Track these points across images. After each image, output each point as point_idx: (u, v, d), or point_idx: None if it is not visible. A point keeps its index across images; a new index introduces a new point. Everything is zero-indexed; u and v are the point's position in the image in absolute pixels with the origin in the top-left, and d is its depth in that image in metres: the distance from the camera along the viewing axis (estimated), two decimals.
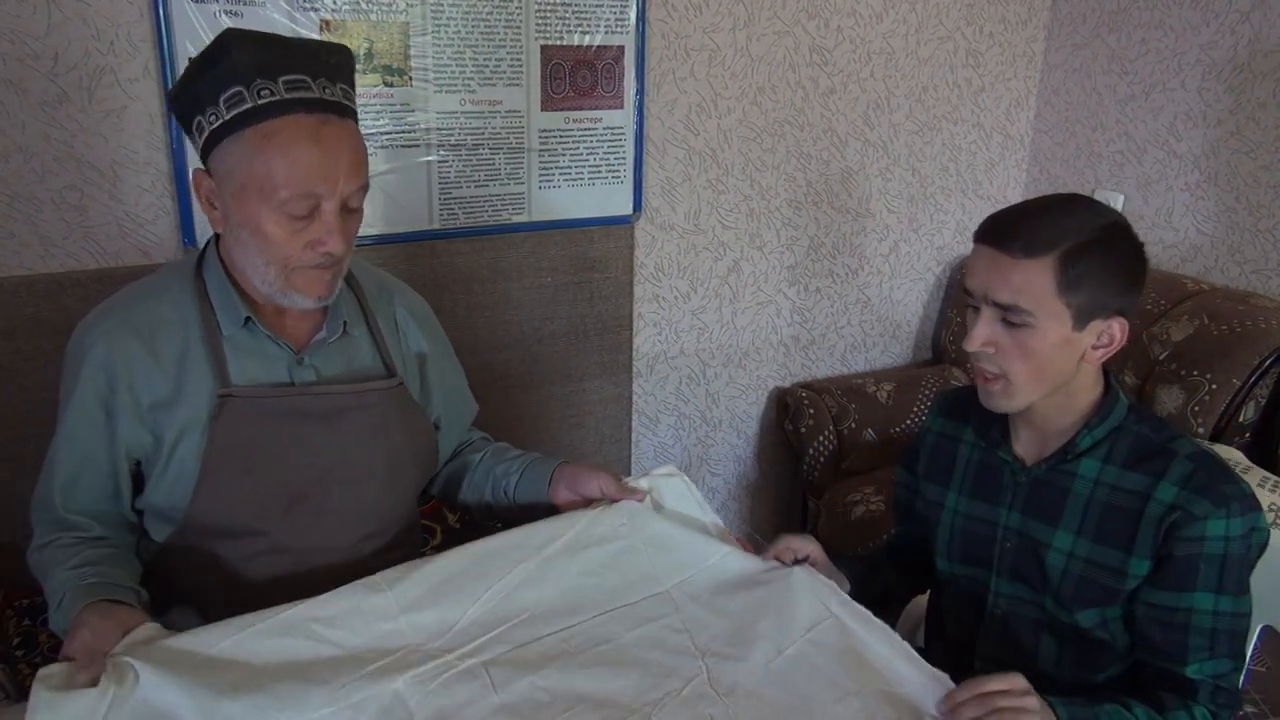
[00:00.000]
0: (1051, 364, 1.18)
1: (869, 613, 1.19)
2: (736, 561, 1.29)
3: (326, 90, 1.16)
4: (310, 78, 1.14)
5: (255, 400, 1.23)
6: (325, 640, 1.07)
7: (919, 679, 1.10)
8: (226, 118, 1.13)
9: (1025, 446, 1.29)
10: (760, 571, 1.28)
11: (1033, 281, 1.14)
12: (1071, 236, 1.13)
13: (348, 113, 1.19)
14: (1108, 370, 1.26)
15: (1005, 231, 1.17)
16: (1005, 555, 1.30)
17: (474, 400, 1.57)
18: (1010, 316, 1.16)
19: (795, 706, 1.08)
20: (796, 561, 1.29)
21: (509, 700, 1.03)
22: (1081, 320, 1.16)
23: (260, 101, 1.12)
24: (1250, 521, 1.14)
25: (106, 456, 1.23)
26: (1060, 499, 1.25)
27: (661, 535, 1.29)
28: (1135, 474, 1.20)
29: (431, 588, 1.15)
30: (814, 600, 1.21)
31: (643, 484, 1.35)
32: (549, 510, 1.37)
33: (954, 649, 1.41)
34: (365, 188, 1.20)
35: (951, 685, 1.09)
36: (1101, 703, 1.14)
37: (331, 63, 1.18)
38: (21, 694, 1.57)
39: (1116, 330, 1.18)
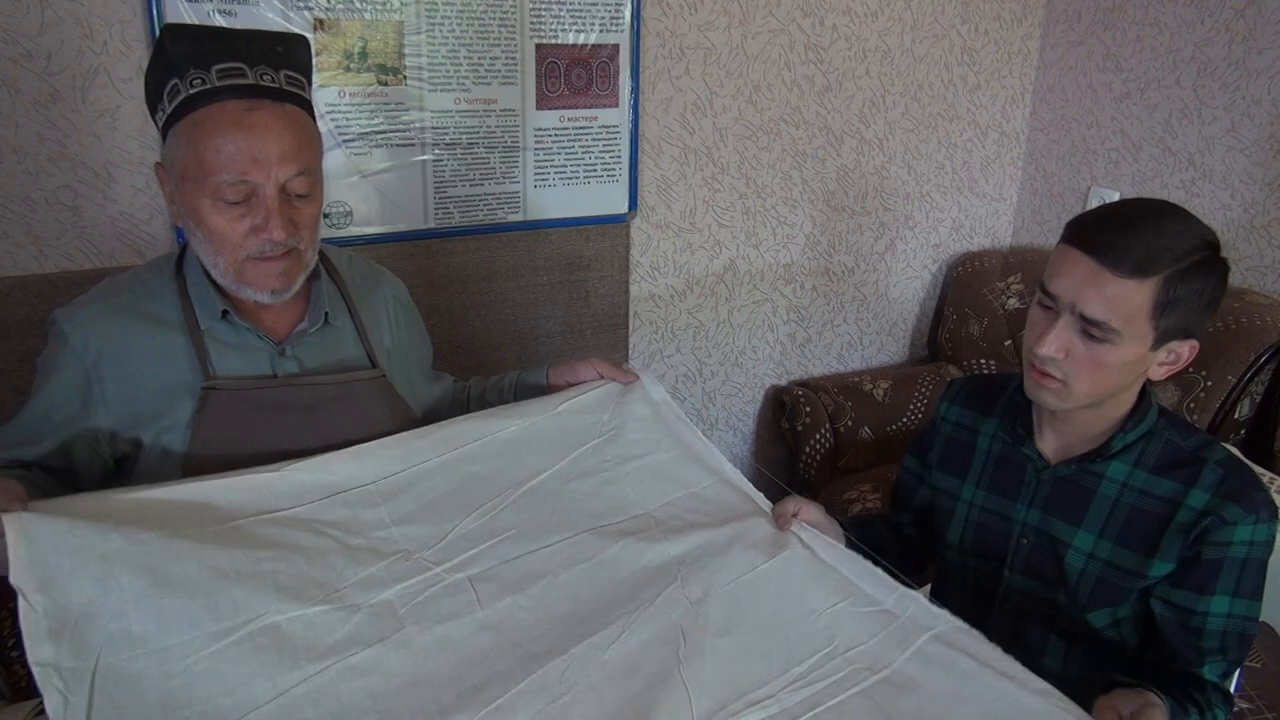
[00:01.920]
0: (1117, 377, 1.16)
1: (840, 545, 1.23)
2: (721, 492, 1.32)
3: (265, 77, 1.14)
4: (246, 65, 1.13)
5: (239, 392, 1.22)
6: (325, 535, 1.10)
7: (888, 594, 1.15)
8: (169, 111, 1.15)
9: (1049, 444, 1.28)
10: (743, 502, 1.31)
11: (1130, 301, 1.09)
12: (1175, 259, 1.09)
13: (287, 98, 1.16)
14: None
15: (1109, 243, 1.10)
16: (1020, 551, 1.30)
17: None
18: (1093, 330, 1.12)
19: (763, 616, 1.13)
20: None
21: (492, 619, 1.07)
22: (1161, 341, 1.14)
23: (192, 91, 1.12)
24: (1274, 529, 1.15)
25: (56, 446, 1.20)
26: (1085, 499, 1.24)
27: (646, 465, 1.33)
28: (1166, 481, 1.19)
29: (423, 505, 1.19)
30: (790, 535, 1.26)
31: (636, 369, 1.43)
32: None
33: None
34: (308, 174, 1.17)
35: (923, 599, 1.12)
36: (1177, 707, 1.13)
37: (277, 51, 1.17)
38: (17, 694, 1.57)
39: (1186, 351, 1.16)
